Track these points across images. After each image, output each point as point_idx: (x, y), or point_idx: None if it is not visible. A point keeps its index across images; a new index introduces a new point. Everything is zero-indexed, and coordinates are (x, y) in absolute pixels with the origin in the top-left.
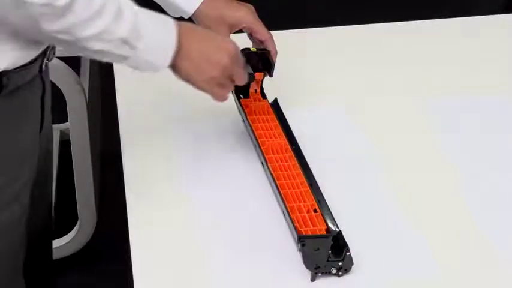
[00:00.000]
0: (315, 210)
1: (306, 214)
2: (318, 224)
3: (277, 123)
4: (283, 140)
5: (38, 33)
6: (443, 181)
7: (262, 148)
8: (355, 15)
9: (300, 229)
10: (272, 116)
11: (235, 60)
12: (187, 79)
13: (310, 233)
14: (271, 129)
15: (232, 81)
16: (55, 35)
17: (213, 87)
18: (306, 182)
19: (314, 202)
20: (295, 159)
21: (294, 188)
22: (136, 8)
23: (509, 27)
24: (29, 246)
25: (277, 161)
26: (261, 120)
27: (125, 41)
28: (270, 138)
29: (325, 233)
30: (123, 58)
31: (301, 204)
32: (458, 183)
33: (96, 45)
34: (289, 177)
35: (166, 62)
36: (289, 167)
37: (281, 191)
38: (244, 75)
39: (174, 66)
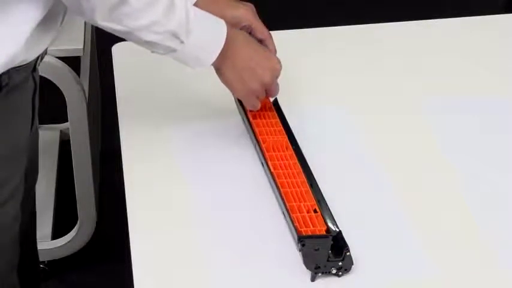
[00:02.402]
0: (315, 211)
1: (306, 214)
2: (317, 224)
3: (278, 120)
4: (283, 137)
5: (91, 22)
6: (443, 181)
7: (263, 146)
8: (355, 15)
9: (300, 229)
10: (273, 113)
11: (276, 77)
12: (227, 85)
13: (310, 233)
14: (272, 126)
15: (266, 93)
16: (106, 24)
17: (250, 98)
18: (306, 181)
19: (314, 202)
20: (296, 158)
21: (294, 187)
22: (189, 4)
23: (509, 27)
24: (22, 241)
25: (277, 159)
26: (262, 117)
27: (174, 34)
28: (271, 135)
29: (325, 233)
30: (171, 50)
31: (302, 204)
32: (458, 184)
33: (147, 36)
34: (289, 176)
35: (211, 60)
36: (290, 165)
37: (281, 190)
38: (277, 90)
39: (219, 70)
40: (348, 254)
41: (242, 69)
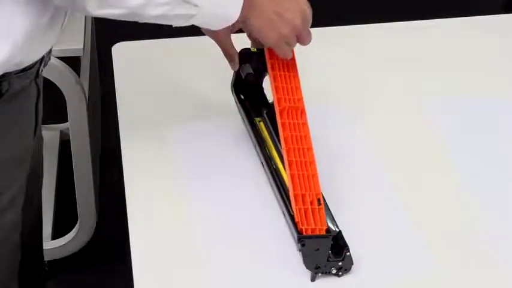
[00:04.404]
0: (318, 201)
1: (310, 206)
2: (319, 223)
3: (297, 73)
4: (300, 96)
5: (85, 14)
6: (444, 181)
7: (277, 108)
8: (355, 15)
9: (301, 227)
10: (293, 62)
11: (307, 21)
12: (257, 35)
13: (310, 232)
14: (290, 82)
15: (297, 40)
16: (103, 12)
17: (282, 45)
18: (314, 161)
19: (319, 190)
20: (308, 129)
21: (302, 170)
22: None
23: (509, 27)
24: (24, 248)
25: (290, 129)
26: (281, 68)
27: (184, 0)
28: (288, 94)
29: (325, 233)
30: (189, 17)
31: (307, 193)
32: (459, 183)
33: (153, 11)
34: (299, 154)
35: (237, 13)
36: (301, 138)
37: (289, 173)
38: (309, 36)
39: (246, 21)
40: (348, 254)
41: (270, 15)
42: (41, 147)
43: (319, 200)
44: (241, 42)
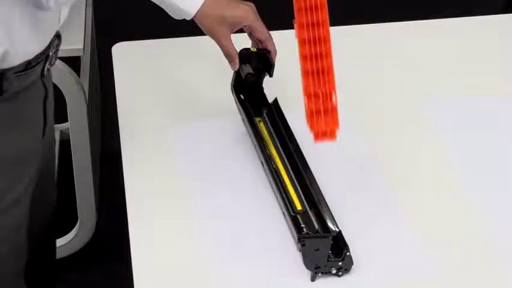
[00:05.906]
0: (332, 97)
1: (322, 106)
2: (330, 123)
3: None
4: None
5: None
6: (443, 181)
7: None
8: (355, 15)
9: (312, 128)
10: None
11: None
12: None
13: (321, 136)
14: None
15: None
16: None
17: None
18: (331, 54)
19: (334, 86)
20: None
21: (316, 64)
22: None
23: (509, 27)
24: (31, 249)
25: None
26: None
27: None
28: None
29: (336, 133)
30: None
31: (320, 90)
32: (458, 183)
33: None
34: (314, 46)
35: None
36: (319, 27)
37: (303, 69)
38: None
39: None
40: (348, 254)
41: None
42: (53, 148)
43: (332, 95)
44: (241, 42)
